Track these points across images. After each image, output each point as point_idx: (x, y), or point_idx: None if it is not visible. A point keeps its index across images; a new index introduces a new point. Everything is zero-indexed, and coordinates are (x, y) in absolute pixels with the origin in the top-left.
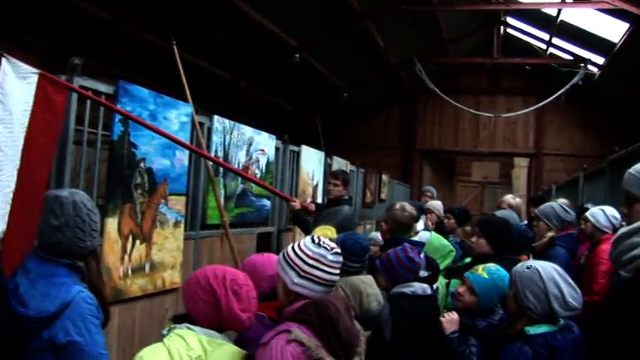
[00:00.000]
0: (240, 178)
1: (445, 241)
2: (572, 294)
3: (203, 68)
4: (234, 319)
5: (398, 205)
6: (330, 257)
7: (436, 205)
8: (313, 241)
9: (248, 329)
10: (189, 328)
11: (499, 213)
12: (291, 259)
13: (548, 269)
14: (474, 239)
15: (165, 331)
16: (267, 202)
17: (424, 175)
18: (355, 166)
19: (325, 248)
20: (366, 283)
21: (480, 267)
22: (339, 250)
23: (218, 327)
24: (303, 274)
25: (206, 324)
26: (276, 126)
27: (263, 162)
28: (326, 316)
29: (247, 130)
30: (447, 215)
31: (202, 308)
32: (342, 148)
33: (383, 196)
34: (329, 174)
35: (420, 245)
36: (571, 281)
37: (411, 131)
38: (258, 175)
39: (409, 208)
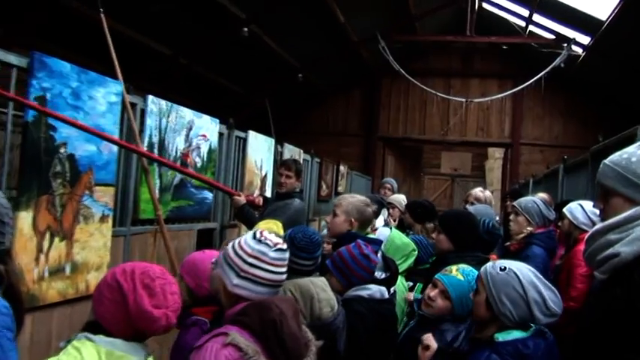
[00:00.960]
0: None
1: (408, 239)
2: (552, 298)
3: (137, 41)
4: (144, 317)
5: (358, 199)
6: (272, 254)
7: (399, 199)
8: (254, 236)
9: (167, 330)
10: (88, 339)
11: (472, 208)
12: (230, 258)
13: (526, 272)
14: (434, 235)
15: (62, 344)
16: (208, 195)
17: (387, 166)
18: (310, 154)
19: (266, 244)
20: (318, 285)
21: (454, 268)
22: (283, 247)
23: (132, 332)
24: (242, 274)
25: (115, 328)
26: (220, 109)
27: (204, 149)
28: (268, 320)
29: (187, 113)
30: (405, 210)
31: (108, 309)
32: (295, 135)
33: (341, 188)
34: (280, 164)
35: (377, 243)
36: (550, 285)
37: (373, 117)
38: (198, 164)
39: (366, 201)
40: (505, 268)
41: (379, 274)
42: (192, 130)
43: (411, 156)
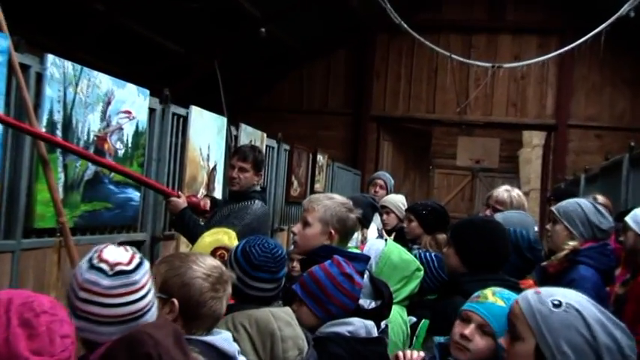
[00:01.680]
0: (91, 153)
1: (409, 256)
2: (627, 342)
3: None
4: None
5: (338, 201)
6: (106, 282)
7: (396, 200)
8: (89, 260)
9: None
10: None
11: (501, 216)
12: (69, 291)
13: (589, 307)
14: (444, 249)
15: None
16: (134, 195)
17: (383, 157)
18: (276, 139)
19: (99, 270)
20: (282, 319)
21: (488, 292)
22: (127, 267)
23: None
24: (78, 312)
25: None
26: (152, 76)
27: (129, 131)
28: (140, 356)
29: (104, 81)
30: (409, 216)
31: None
32: (256, 113)
33: (318, 186)
34: (233, 152)
35: (363, 261)
36: (618, 321)
37: (364, 89)
38: (120, 152)
39: (347, 204)
40: (560, 302)
41: (366, 303)
42: (111, 105)
43: (415, 143)
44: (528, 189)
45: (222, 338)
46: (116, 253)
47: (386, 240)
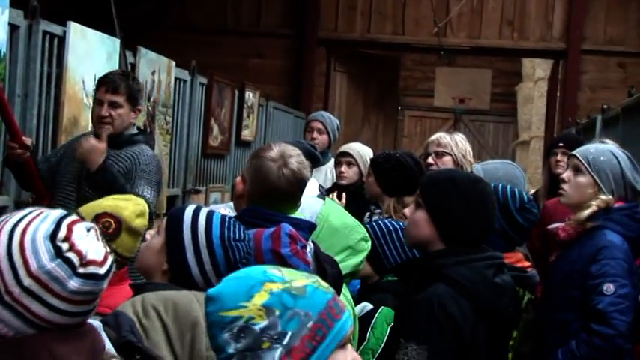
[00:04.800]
0: None
1: (353, 220)
2: None
3: None
4: None
5: (276, 151)
6: (72, 285)
7: (363, 151)
8: (54, 239)
9: None
10: None
11: (480, 167)
12: None
13: None
14: (411, 214)
15: None
16: None
17: (335, 94)
18: (189, 70)
19: (68, 262)
20: None
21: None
22: (99, 271)
23: None
24: (7, 298)
25: None
26: None
27: None
28: None
29: None
30: (369, 170)
31: None
32: (161, 34)
33: (247, 133)
34: (98, 82)
35: (306, 229)
36: None
37: (308, 2)
38: None
39: (296, 159)
40: None
41: None
42: None
43: (379, 75)
44: (529, 136)
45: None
46: (89, 243)
47: (324, 198)
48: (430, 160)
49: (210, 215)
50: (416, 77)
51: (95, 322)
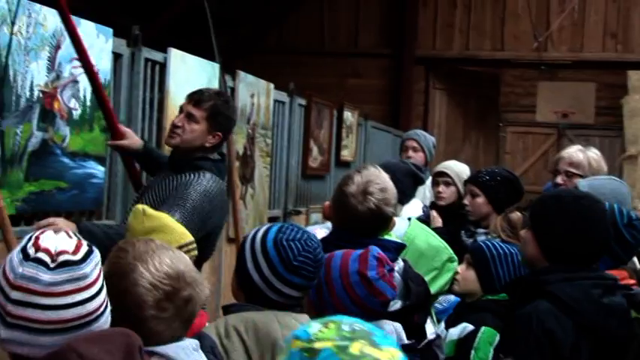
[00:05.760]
0: (37, 114)
1: (439, 241)
2: None
3: None
4: None
5: (357, 184)
6: (47, 277)
7: (460, 169)
8: (24, 249)
9: None
10: None
11: (586, 183)
12: None
13: None
14: (522, 233)
15: None
16: (97, 168)
17: (434, 111)
18: (287, 91)
19: (38, 261)
20: (290, 327)
21: None
22: (73, 257)
23: None
24: (10, 319)
25: None
26: (116, 10)
27: (87, 84)
28: None
29: (51, 17)
30: (471, 189)
31: None
32: (260, 57)
33: (346, 153)
34: (187, 96)
35: (394, 250)
36: None
37: (405, 21)
38: (76, 112)
39: (376, 195)
40: None
41: (394, 304)
42: (61, 50)
43: (478, 92)
44: (636, 150)
45: (177, 346)
46: (58, 240)
47: (409, 219)
48: (560, 179)
49: (269, 227)
50: (517, 93)
51: (192, 340)
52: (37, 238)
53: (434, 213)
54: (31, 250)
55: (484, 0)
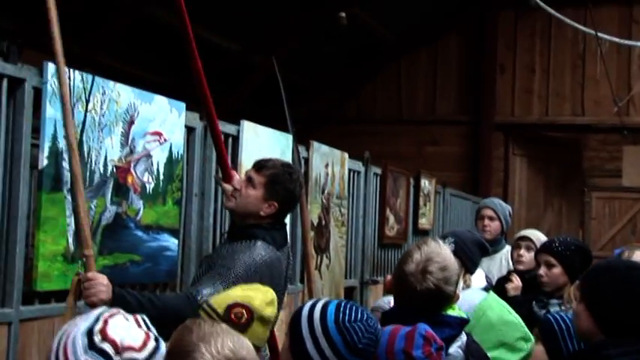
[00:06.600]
0: (110, 189)
1: (514, 317)
2: None
3: None
4: None
5: (416, 262)
6: None
7: (539, 235)
8: (90, 334)
9: None
10: None
11: None
12: None
13: None
14: (574, 306)
15: None
16: (171, 241)
17: (515, 178)
18: (362, 160)
19: (101, 353)
20: None
21: None
22: (138, 356)
23: None
24: None
25: None
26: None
27: (160, 158)
28: None
29: (124, 93)
30: (547, 259)
31: None
32: (335, 127)
33: (424, 222)
34: (254, 163)
35: (456, 325)
36: None
37: (484, 87)
38: (149, 185)
39: (436, 275)
40: None
41: None
42: (135, 125)
43: (560, 157)
44: None
45: None
46: (126, 330)
47: (488, 289)
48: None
49: (326, 303)
50: (601, 157)
51: None
52: (106, 322)
53: (514, 278)
54: (97, 338)
55: (563, 66)
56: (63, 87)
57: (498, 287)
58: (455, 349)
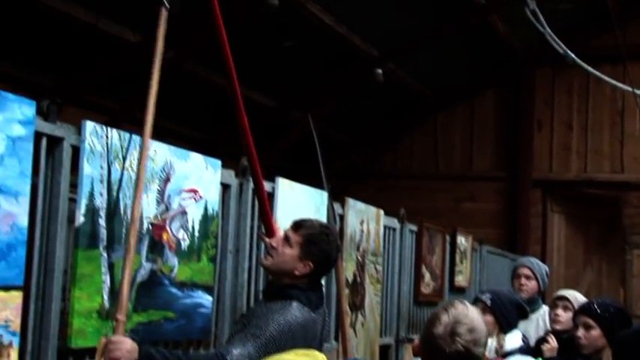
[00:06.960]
0: (146, 246)
1: None
2: None
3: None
4: None
5: (444, 324)
6: None
7: (577, 296)
8: None
9: None
10: None
11: None
12: None
13: None
14: None
15: None
16: (205, 298)
17: (553, 235)
18: (398, 217)
19: None
20: None
21: None
22: None
23: None
24: None
25: None
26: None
27: (195, 215)
28: None
29: (160, 151)
30: (585, 321)
31: None
32: (371, 183)
33: (460, 279)
34: (293, 223)
35: None
36: None
37: (521, 144)
38: (184, 242)
39: (465, 337)
40: None
41: None
42: (170, 183)
43: (599, 215)
44: None
45: None
46: None
47: (524, 350)
48: None
49: None
50: None
51: None
52: None
53: (551, 339)
54: None
55: (601, 122)
56: (140, 171)
57: (536, 349)
58: None
